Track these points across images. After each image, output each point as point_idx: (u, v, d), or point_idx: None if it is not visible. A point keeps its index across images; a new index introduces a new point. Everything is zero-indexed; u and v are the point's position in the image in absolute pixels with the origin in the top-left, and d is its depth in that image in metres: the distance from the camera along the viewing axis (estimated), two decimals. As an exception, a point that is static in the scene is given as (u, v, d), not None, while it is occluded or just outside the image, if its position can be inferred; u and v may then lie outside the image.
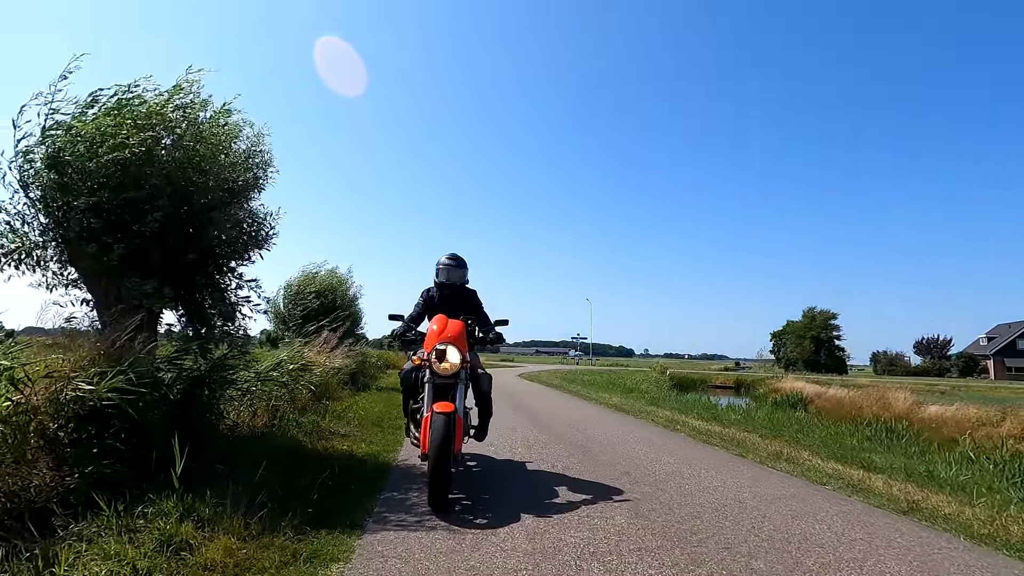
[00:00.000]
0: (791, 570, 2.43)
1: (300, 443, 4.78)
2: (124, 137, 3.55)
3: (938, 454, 6.89)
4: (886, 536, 2.95)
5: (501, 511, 3.18)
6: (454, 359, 3.56)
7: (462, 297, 4.41)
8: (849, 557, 2.61)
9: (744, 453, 5.45)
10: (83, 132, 3.66)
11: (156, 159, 3.73)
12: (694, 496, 3.67)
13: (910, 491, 4.11)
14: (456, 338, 3.67)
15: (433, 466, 3.09)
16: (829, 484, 4.25)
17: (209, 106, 4.21)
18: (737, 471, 4.61)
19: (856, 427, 10.07)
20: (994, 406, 14.70)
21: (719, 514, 3.25)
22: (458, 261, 4.43)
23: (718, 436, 6.51)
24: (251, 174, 4.61)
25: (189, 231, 4.11)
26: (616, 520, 3.07)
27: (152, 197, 3.67)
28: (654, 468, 4.58)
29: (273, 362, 5.56)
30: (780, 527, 3.04)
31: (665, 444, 5.94)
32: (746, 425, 7.88)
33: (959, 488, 4.39)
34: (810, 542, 2.81)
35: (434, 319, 3.98)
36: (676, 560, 2.50)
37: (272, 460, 3.52)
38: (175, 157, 3.86)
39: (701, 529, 2.95)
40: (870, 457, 5.70)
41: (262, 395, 5.21)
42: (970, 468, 5.74)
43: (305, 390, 6.45)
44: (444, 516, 3.02)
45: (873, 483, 4.36)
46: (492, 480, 4.04)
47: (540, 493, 3.67)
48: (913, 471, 5.09)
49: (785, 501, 3.64)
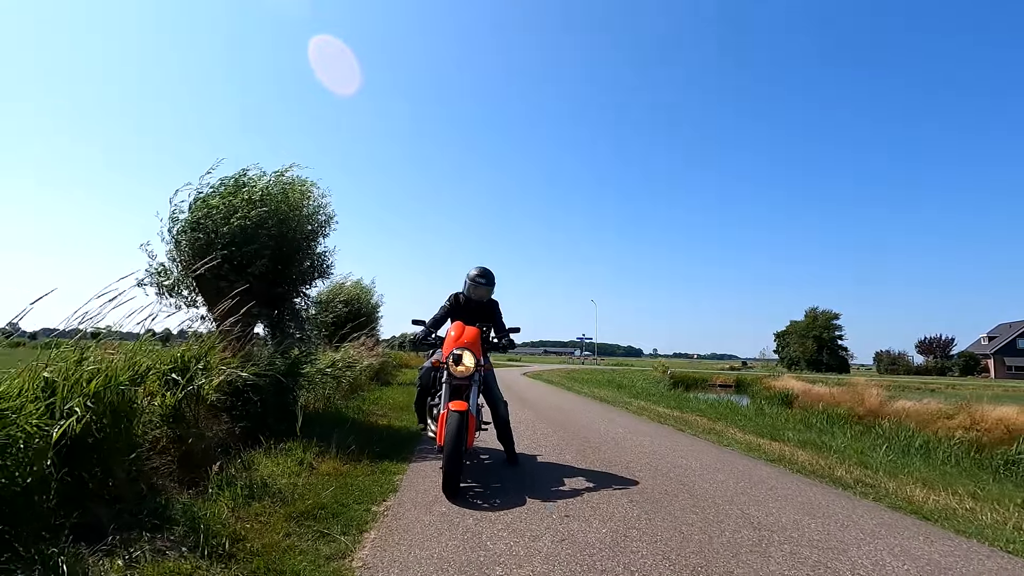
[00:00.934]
0: (658, 472, 4.14)
1: (352, 419, 6.54)
2: (246, 212, 5.33)
3: (845, 432, 8.53)
4: (739, 467, 4.67)
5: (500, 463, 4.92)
6: (469, 363, 3.94)
7: (484, 307, 4.72)
8: (699, 472, 4.32)
9: (684, 428, 7.16)
10: (215, 205, 5.44)
11: (265, 224, 5.51)
12: (627, 450, 5.39)
13: (789, 450, 5.79)
14: (471, 344, 4.05)
15: (447, 457, 3.47)
16: (733, 446, 5.94)
17: (296, 182, 5.99)
18: (668, 437, 6.33)
19: (810, 415, 11.72)
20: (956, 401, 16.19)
21: (636, 455, 4.98)
22: (487, 279, 4.64)
23: (673, 419, 8.21)
24: (318, 224, 6.39)
25: (279, 268, 5.90)
26: (566, 457, 4.81)
27: (261, 250, 5.46)
28: (607, 436, 6.30)
29: (329, 361, 7.35)
30: (665, 459, 4.80)
31: (627, 423, 7.65)
32: (706, 413, 9.55)
33: (833, 451, 6.06)
34: (680, 466, 4.55)
35: (452, 325, 4.38)
36: (605, 472, 4.23)
37: (339, 427, 5.29)
38: (276, 220, 5.65)
39: (620, 463, 4.67)
40: (787, 433, 7.36)
41: (322, 385, 6.99)
42: (859, 441, 7.40)
43: (347, 383, 8.24)
44: (455, 499, 3.44)
45: (770, 447, 6.04)
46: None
47: (530, 446, 5.42)
48: (809, 441, 6.76)
49: (683, 449, 5.39)
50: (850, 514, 3.35)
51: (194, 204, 5.54)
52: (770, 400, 20.84)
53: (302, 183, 6.16)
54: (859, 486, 4.24)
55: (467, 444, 3.73)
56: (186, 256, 5.61)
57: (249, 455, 4.08)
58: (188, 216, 5.55)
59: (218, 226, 5.36)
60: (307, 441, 4.58)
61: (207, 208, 5.47)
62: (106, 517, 2.46)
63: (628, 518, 3.11)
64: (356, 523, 2.94)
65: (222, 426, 4.38)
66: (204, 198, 5.58)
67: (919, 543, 2.84)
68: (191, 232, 5.49)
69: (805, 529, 2.99)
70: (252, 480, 3.45)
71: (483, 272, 4.66)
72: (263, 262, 5.46)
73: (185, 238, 5.54)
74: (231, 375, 4.54)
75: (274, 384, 5.20)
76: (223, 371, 4.36)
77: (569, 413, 8.66)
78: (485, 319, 4.68)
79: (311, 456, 4.29)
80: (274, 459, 4.10)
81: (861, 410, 15.84)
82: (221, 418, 4.43)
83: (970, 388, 30.64)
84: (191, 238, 5.50)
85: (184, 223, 5.54)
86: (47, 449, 2.26)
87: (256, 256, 5.45)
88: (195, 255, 5.55)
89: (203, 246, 5.42)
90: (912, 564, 2.53)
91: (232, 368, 4.58)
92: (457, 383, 3.98)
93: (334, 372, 7.27)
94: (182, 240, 5.56)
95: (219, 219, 5.35)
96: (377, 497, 3.47)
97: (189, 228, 5.50)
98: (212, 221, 5.38)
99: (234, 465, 3.76)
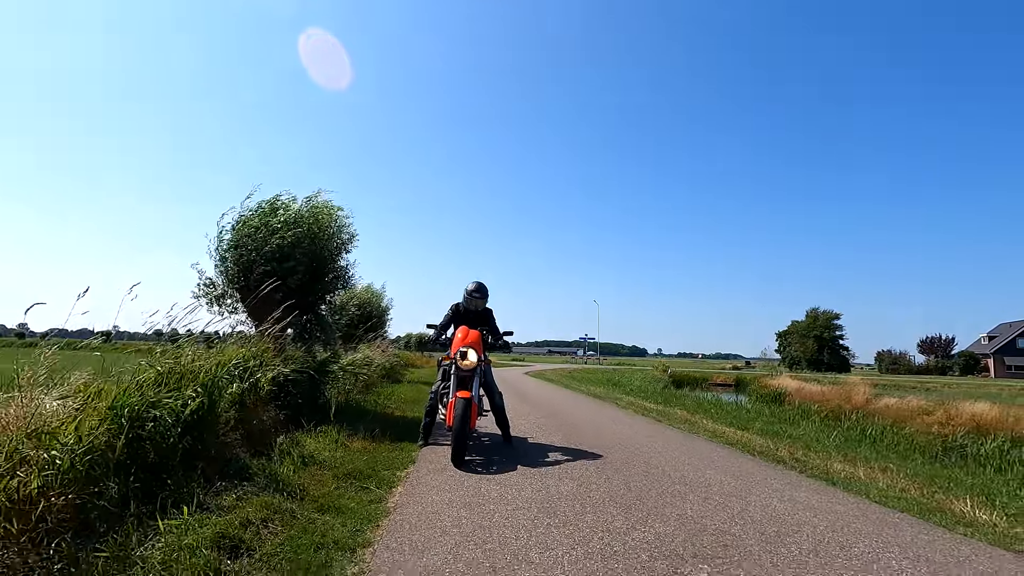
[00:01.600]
0: (624, 450, 5.10)
1: (371, 410, 7.54)
2: (284, 233, 6.32)
3: (812, 424, 9.45)
4: (695, 447, 5.61)
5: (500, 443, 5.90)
6: (472, 359, 4.95)
7: (480, 314, 5.77)
8: (658, 450, 5.27)
9: (661, 419, 8.11)
10: (256, 226, 6.43)
11: (300, 244, 6.50)
12: (604, 435, 6.35)
13: (748, 437, 6.73)
14: (475, 344, 5.06)
15: (455, 433, 4.48)
16: (699, 433, 6.88)
17: (324, 206, 6.98)
18: (643, 426, 7.28)
19: (787, 410, 12.65)
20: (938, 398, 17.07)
21: (610, 438, 5.94)
22: (481, 293, 5.66)
23: (655, 412, 9.15)
24: (342, 241, 7.38)
25: (310, 281, 6.89)
26: (553, 439, 5.78)
27: (296, 265, 6.45)
28: (590, 424, 7.27)
29: (350, 360, 8.35)
30: (633, 440, 5.75)
31: (611, 415, 8.62)
32: (687, 407, 10.49)
33: (790, 438, 7.00)
34: (643, 446, 5.50)
35: (459, 329, 5.37)
36: (581, 450, 5.19)
37: (363, 416, 6.27)
38: (309, 240, 6.64)
39: (596, 444, 5.64)
40: (755, 424, 8.30)
41: (343, 381, 7.98)
42: (820, 431, 8.33)
43: (364, 380, 9.24)
44: (461, 467, 4.36)
45: (733, 434, 6.96)
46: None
47: (523, 431, 6.39)
48: (773, 431, 7.69)
49: (653, 435, 6.35)
50: (766, 477, 4.31)
51: (237, 226, 6.53)
52: (763, 398, 21.92)
53: (328, 206, 7.15)
54: (792, 461, 5.18)
55: (471, 424, 4.72)
56: (232, 271, 6.61)
57: (295, 435, 5.07)
58: (232, 236, 6.55)
59: (259, 245, 6.35)
60: (339, 426, 5.57)
61: (248, 229, 6.47)
62: (210, 471, 3.45)
63: (590, 478, 4.08)
64: (386, 481, 3.92)
65: (271, 412, 5.37)
66: (245, 220, 6.57)
67: (803, 493, 3.80)
68: (235, 250, 6.49)
69: (724, 486, 3.95)
70: (303, 452, 4.44)
71: (478, 287, 5.68)
72: (298, 276, 6.45)
73: (231, 255, 6.54)
74: (277, 371, 5.54)
75: (308, 379, 6.20)
76: (273, 368, 5.36)
77: (561, 406, 9.63)
78: (482, 324, 5.69)
79: (343, 437, 5.27)
80: (315, 438, 5.09)
81: (848, 407, 16.82)
82: (270, 406, 5.43)
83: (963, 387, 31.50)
84: (235, 255, 6.50)
85: (228, 243, 6.54)
86: (179, 423, 3.25)
87: (292, 271, 6.44)
88: (240, 270, 6.56)
89: (246, 263, 6.42)
90: (788, 505, 3.48)
91: (278, 366, 5.59)
92: (463, 375, 4.95)
93: (354, 370, 8.26)
94: (228, 257, 6.56)
95: (259, 239, 6.34)
96: (400, 466, 4.46)
97: (233, 247, 6.50)
98: (253, 240, 6.37)
99: (285, 442, 4.75)
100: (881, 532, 3.03)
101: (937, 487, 4.43)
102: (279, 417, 5.48)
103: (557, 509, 3.29)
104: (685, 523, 3.06)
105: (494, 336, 5.79)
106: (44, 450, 2.20)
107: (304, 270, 6.52)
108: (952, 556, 2.71)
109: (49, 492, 2.25)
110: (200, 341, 6.13)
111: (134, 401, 2.90)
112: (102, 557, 2.17)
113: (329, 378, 7.40)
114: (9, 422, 2.24)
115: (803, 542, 2.81)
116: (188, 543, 2.37)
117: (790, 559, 2.57)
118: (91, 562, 2.15)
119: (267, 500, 3.15)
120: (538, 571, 2.38)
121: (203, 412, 3.68)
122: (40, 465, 2.17)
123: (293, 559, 2.45)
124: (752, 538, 2.83)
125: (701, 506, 3.41)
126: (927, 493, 4.15)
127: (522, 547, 2.66)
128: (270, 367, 5.10)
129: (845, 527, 3.09)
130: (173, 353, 3.73)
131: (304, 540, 2.66)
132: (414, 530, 2.89)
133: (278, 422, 5.40)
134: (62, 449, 2.29)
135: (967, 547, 2.86)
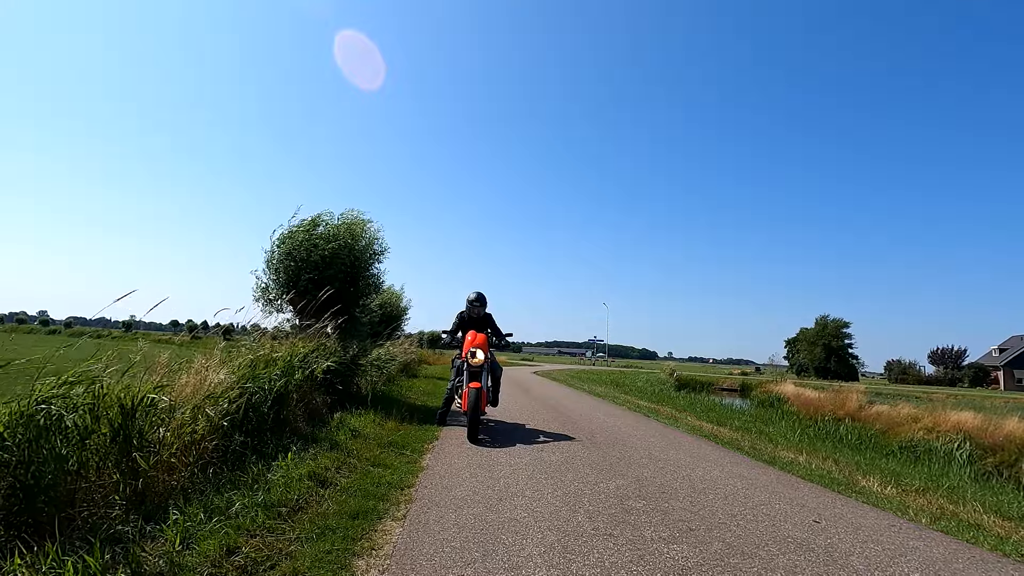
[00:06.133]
0: (608, 435, 6.19)
1: (396, 399, 8.71)
2: (324, 246, 7.52)
3: (790, 423, 10.44)
4: (671, 436, 6.69)
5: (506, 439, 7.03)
6: (480, 357, 6.18)
7: (482, 319, 7.02)
8: (638, 437, 6.35)
9: (650, 415, 9.17)
10: (301, 240, 7.63)
11: (339, 255, 7.68)
12: (595, 425, 7.45)
13: (720, 430, 7.77)
14: (482, 345, 6.33)
15: (470, 416, 5.74)
16: (680, 427, 7.93)
17: (358, 220, 8.17)
18: (632, 419, 8.36)
19: (769, 412, 13.62)
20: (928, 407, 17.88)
21: (600, 427, 7.03)
22: (481, 301, 6.94)
23: (647, 409, 10.21)
24: (373, 252, 8.56)
25: (347, 287, 8.08)
26: (550, 426, 6.90)
27: (336, 274, 7.63)
28: (584, 416, 8.37)
29: (377, 355, 9.54)
30: (618, 429, 6.83)
31: (605, 410, 9.70)
32: (677, 405, 11.52)
33: (759, 433, 8.02)
34: (626, 434, 6.58)
35: (469, 332, 6.63)
36: (572, 435, 6.30)
37: (394, 403, 7.44)
38: (346, 252, 7.82)
39: (586, 431, 6.73)
40: (734, 422, 9.32)
41: (371, 373, 9.17)
42: (791, 430, 9.34)
43: (387, 373, 10.43)
44: (475, 442, 5.86)
45: (710, 429, 8.01)
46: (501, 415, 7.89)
47: (524, 419, 7.51)
48: (747, 428, 8.71)
49: (637, 425, 7.42)
50: (719, 459, 5.38)
51: (285, 239, 7.74)
52: (762, 402, 22.86)
53: (362, 221, 8.34)
54: (749, 449, 6.24)
55: (481, 409, 5.93)
56: (281, 278, 7.82)
57: (341, 415, 6.26)
58: (281, 249, 7.76)
59: (304, 256, 7.55)
60: (374, 410, 6.75)
61: (294, 242, 7.67)
62: (288, 435, 4.63)
63: (576, 452, 5.20)
64: (418, 450, 5.07)
65: (321, 396, 6.57)
66: (291, 234, 7.78)
67: (742, 468, 4.87)
68: (285, 261, 7.71)
69: (679, 461, 5.04)
70: (351, 427, 5.61)
71: (478, 297, 6.92)
72: (336, 283, 7.64)
73: (282, 265, 7.76)
74: (328, 363, 6.72)
75: (346, 370, 7.38)
76: (324, 360, 6.56)
77: (562, 400, 10.74)
78: (485, 327, 6.91)
79: (379, 419, 6.44)
80: (356, 418, 6.27)
81: (841, 412, 17.77)
82: (320, 390, 6.63)
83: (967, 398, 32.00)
84: (285, 265, 7.71)
85: (279, 254, 7.75)
86: (271, 396, 4.43)
87: (332, 279, 7.64)
88: (288, 278, 7.77)
89: (293, 271, 7.63)
90: (724, 474, 4.57)
91: (328, 358, 6.78)
92: (473, 370, 6.19)
93: (379, 364, 9.45)
94: (280, 267, 7.78)
95: (303, 251, 7.54)
96: (427, 440, 5.61)
97: (283, 257, 7.72)
98: (299, 252, 7.57)
99: (336, 419, 5.94)
100: (783, 492, 4.11)
101: (860, 471, 5.46)
102: (327, 401, 6.67)
103: (547, 469, 4.41)
104: (640, 481, 4.16)
105: (496, 337, 6.99)
106: (212, 408, 3.38)
107: (343, 277, 7.71)
108: (828, 509, 3.77)
109: (208, 437, 3.43)
110: (218, 333, 7.30)
111: (249, 377, 4.08)
112: (245, 477, 3.34)
113: (360, 371, 8.60)
114: (193, 390, 3.42)
115: (720, 493, 3.91)
116: (295, 475, 3.53)
117: (705, 502, 3.66)
118: (237, 481, 3.32)
119: (334, 456, 4.32)
120: (529, 501, 3.51)
121: (283, 391, 4.88)
122: (207, 418, 3.35)
123: (363, 490, 3.60)
124: (684, 490, 3.94)
125: (656, 472, 4.50)
126: (847, 474, 5.20)
127: (519, 489, 3.78)
128: (323, 359, 6.29)
129: (759, 488, 4.17)
130: (262, 343, 4.91)
131: (367, 480, 3.81)
132: (442, 478, 4.03)
133: (326, 404, 6.60)
134: (217, 409, 3.46)
135: (844, 504, 3.92)
